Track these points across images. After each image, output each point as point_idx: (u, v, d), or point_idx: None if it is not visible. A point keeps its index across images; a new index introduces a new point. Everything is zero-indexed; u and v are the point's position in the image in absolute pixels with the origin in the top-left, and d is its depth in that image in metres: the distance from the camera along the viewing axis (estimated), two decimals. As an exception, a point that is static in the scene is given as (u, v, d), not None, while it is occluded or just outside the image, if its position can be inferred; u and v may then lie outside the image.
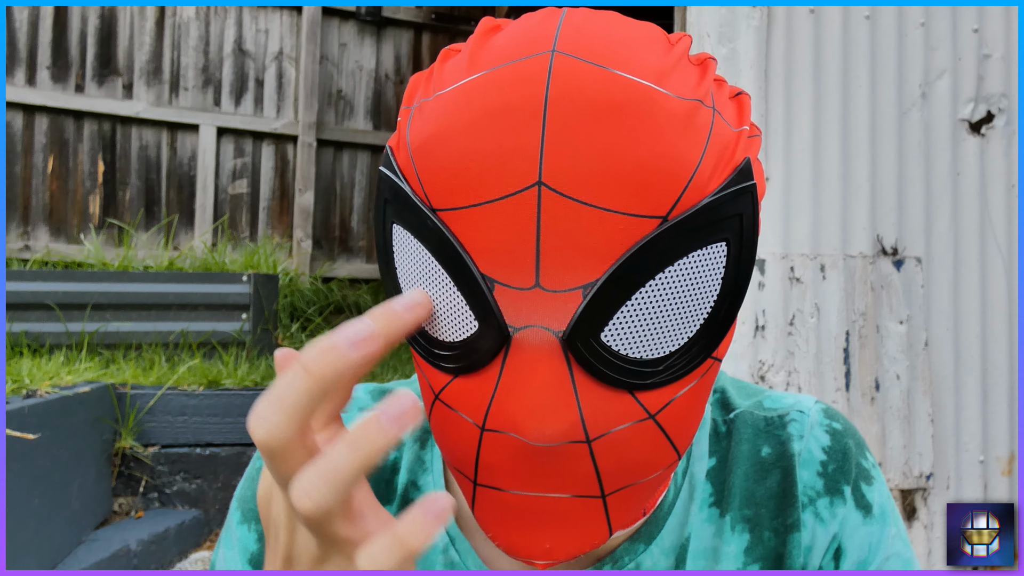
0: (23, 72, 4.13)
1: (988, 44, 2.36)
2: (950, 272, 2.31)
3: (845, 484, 0.50)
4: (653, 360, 0.37)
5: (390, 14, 4.95)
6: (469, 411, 0.38)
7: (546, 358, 0.35)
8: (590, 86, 0.35)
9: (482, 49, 0.38)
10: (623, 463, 0.38)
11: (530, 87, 0.35)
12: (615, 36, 0.37)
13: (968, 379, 2.29)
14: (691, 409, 0.40)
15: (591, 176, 0.34)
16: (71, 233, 4.21)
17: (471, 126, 0.35)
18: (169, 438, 2.53)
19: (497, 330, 0.36)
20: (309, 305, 4.14)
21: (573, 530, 0.39)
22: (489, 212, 0.35)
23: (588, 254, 0.35)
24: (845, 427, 0.53)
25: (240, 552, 0.53)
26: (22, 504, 1.85)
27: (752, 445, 0.51)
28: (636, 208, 0.35)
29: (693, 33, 2.25)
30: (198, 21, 4.53)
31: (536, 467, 0.37)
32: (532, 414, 0.35)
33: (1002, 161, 2.34)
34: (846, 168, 2.28)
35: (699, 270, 0.36)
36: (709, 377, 0.41)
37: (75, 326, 2.91)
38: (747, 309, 2.19)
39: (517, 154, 0.34)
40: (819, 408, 0.53)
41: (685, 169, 0.35)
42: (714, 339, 0.38)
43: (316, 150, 4.72)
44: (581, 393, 0.36)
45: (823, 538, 0.49)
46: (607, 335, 0.36)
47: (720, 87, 0.40)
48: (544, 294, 0.35)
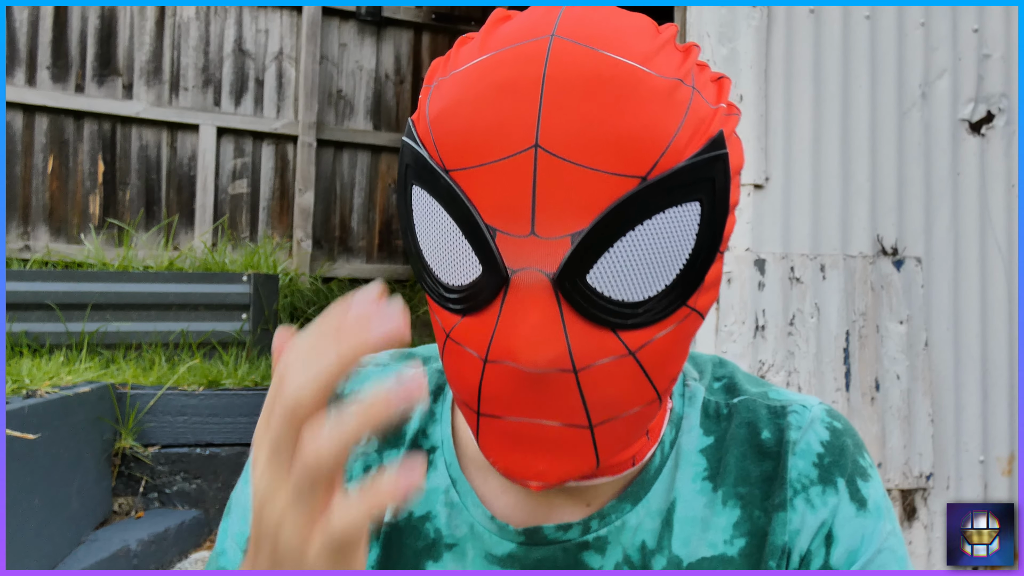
0: (23, 72, 4.13)
1: (988, 44, 2.36)
2: (950, 272, 2.31)
3: (839, 476, 0.53)
4: (633, 303, 0.42)
5: (390, 14, 4.95)
6: (474, 346, 0.43)
7: (539, 296, 0.41)
8: (583, 64, 0.40)
9: (492, 35, 0.44)
10: (606, 395, 0.43)
11: (531, 65, 0.41)
12: (609, 24, 0.43)
13: (968, 379, 2.29)
14: (669, 352, 0.45)
15: (581, 140, 0.39)
16: (71, 233, 4.21)
17: (479, 98, 0.41)
18: (169, 438, 2.53)
19: (498, 272, 0.41)
20: (309, 305, 4.14)
21: (564, 456, 0.44)
22: (493, 171, 0.41)
23: (577, 207, 0.40)
24: (845, 427, 0.56)
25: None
26: (22, 504, 1.85)
27: (752, 429, 0.55)
28: (619, 168, 0.40)
29: (693, 33, 2.25)
30: (198, 21, 4.53)
31: (530, 394, 0.43)
32: (526, 344, 0.41)
33: (1002, 161, 2.34)
34: (846, 168, 2.28)
35: (675, 225, 0.42)
36: (687, 325, 0.45)
37: (75, 326, 2.91)
38: (747, 309, 2.19)
39: (518, 121, 0.40)
40: (822, 407, 0.57)
41: (664, 136, 0.40)
42: (689, 288, 0.43)
43: (316, 150, 4.72)
44: (569, 328, 0.42)
45: (812, 522, 0.52)
46: (592, 278, 0.41)
47: (702, 70, 0.45)
48: (538, 241, 0.41)
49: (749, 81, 2.23)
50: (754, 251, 2.21)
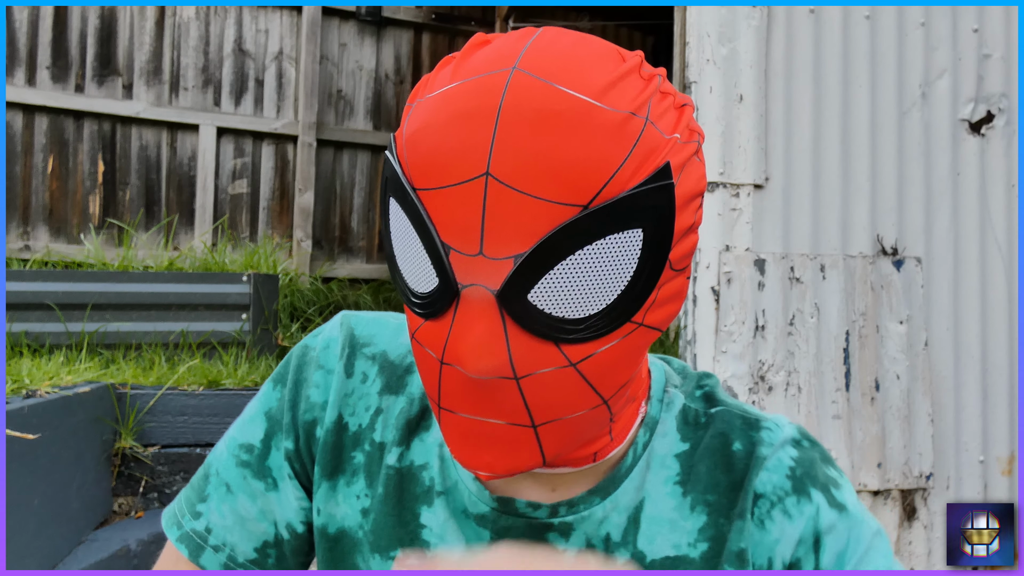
0: (23, 72, 4.13)
1: (988, 44, 2.35)
2: (950, 272, 2.31)
3: (812, 487, 0.56)
4: (575, 320, 0.46)
5: (390, 14, 4.95)
6: (433, 348, 0.48)
7: (484, 310, 0.45)
8: (536, 98, 0.43)
9: (464, 62, 0.48)
10: (548, 400, 0.47)
11: (489, 97, 0.44)
12: (571, 55, 0.46)
13: (968, 379, 2.29)
14: (614, 363, 0.48)
15: (528, 170, 0.43)
16: (71, 233, 4.21)
17: (444, 125, 0.45)
18: (169, 438, 2.53)
19: (450, 286, 0.45)
20: (309, 305, 4.14)
21: (509, 451, 0.48)
22: (450, 194, 0.44)
23: (521, 231, 0.43)
24: (813, 443, 0.60)
25: (261, 403, 0.63)
26: (22, 504, 1.85)
27: (725, 440, 0.58)
28: (562, 197, 0.43)
29: (693, 33, 2.25)
30: (198, 21, 4.53)
31: (477, 395, 0.47)
32: (471, 353, 0.45)
33: (1002, 161, 2.34)
34: (846, 168, 2.28)
35: (616, 250, 0.45)
36: (635, 339, 0.49)
37: (75, 326, 2.91)
38: (747, 309, 2.19)
39: (474, 149, 0.43)
40: (793, 427, 0.60)
41: (608, 168, 0.43)
42: (631, 307, 0.46)
43: (316, 150, 4.72)
44: (511, 340, 0.45)
45: (792, 532, 0.55)
46: (533, 296, 0.45)
47: (663, 99, 0.48)
48: (486, 260, 0.44)
49: (749, 81, 2.23)
50: (754, 251, 2.21)
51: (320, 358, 0.63)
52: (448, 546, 0.58)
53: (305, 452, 0.62)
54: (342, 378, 0.62)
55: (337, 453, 0.61)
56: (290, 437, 0.62)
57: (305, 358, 0.63)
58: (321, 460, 0.61)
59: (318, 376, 0.62)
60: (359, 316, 0.65)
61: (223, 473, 0.62)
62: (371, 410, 0.61)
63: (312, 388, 0.62)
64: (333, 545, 0.60)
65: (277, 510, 0.61)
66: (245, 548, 0.61)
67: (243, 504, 0.61)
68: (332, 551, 0.60)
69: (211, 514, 0.61)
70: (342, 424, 0.61)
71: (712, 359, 2.17)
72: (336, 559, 0.60)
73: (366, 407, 0.62)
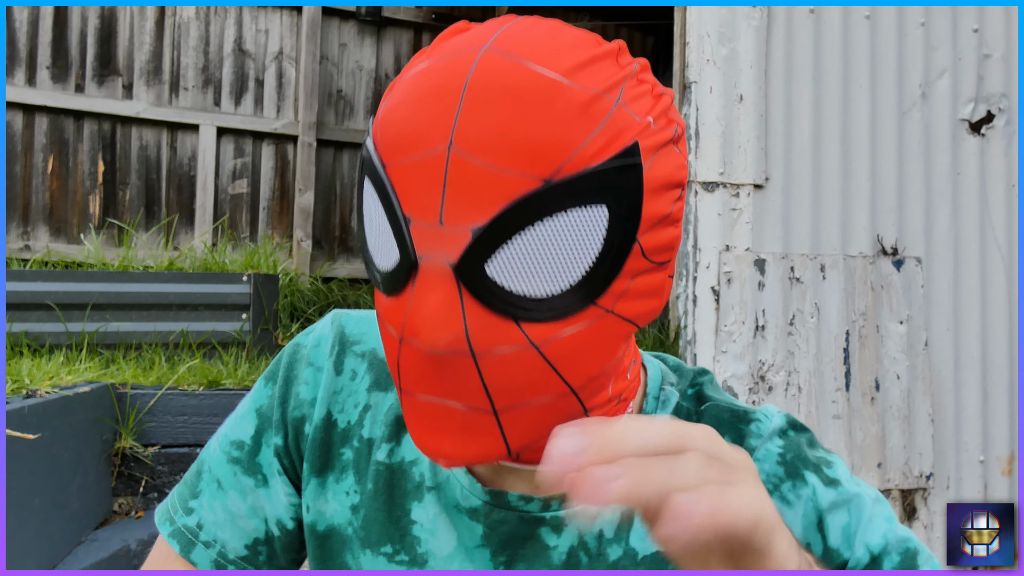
0: (23, 72, 4.13)
1: (988, 44, 2.35)
2: (950, 272, 2.31)
3: (805, 469, 0.56)
4: (536, 298, 0.45)
5: (390, 14, 4.95)
6: (394, 325, 0.47)
7: (441, 282, 0.44)
8: (503, 75, 0.44)
9: (439, 45, 0.48)
10: (508, 382, 0.46)
11: (458, 74, 0.44)
12: (546, 39, 0.46)
13: (968, 379, 2.29)
14: (581, 349, 0.47)
15: (491, 143, 0.43)
16: (71, 233, 4.21)
17: (413, 102, 0.45)
18: (169, 438, 2.53)
19: (408, 257, 0.45)
20: (309, 305, 4.14)
21: (470, 438, 0.47)
22: (414, 166, 0.44)
23: (480, 202, 0.43)
24: (800, 430, 0.60)
25: (252, 400, 0.64)
26: (22, 504, 1.85)
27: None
28: (524, 170, 0.43)
29: (693, 33, 2.25)
30: (198, 21, 4.53)
31: (434, 374, 0.46)
32: (426, 324, 0.44)
33: (1002, 161, 2.34)
34: (846, 168, 2.28)
35: (578, 227, 0.44)
36: (603, 327, 0.47)
37: (75, 326, 2.91)
38: (747, 309, 2.19)
39: (439, 123, 0.44)
40: (782, 415, 0.60)
41: (572, 144, 0.43)
42: (596, 289, 0.45)
43: (316, 150, 4.72)
44: (468, 314, 0.44)
45: (793, 517, 0.55)
46: (491, 269, 0.44)
47: (638, 84, 0.47)
48: (444, 231, 0.44)
49: (749, 81, 2.23)
50: (754, 251, 2.21)
51: (310, 355, 0.63)
52: (439, 542, 0.58)
53: (294, 449, 0.62)
54: (331, 375, 0.62)
55: (326, 450, 0.61)
56: (280, 433, 0.62)
57: (296, 356, 0.64)
58: (310, 457, 0.61)
59: (308, 373, 0.63)
60: (350, 314, 0.66)
61: (215, 469, 0.63)
62: (360, 407, 0.62)
63: (302, 385, 0.62)
64: (323, 542, 0.60)
65: (267, 506, 0.62)
66: (236, 545, 0.61)
67: (234, 500, 0.62)
68: (322, 548, 0.60)
69: (203, 510, 0.62)
70: (331, 421, 0.61)
71: (712, 359, 2.17)
72: (326, 556, 0.60)
73: (355, 404, 0.62)
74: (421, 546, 0.58)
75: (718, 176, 2.21)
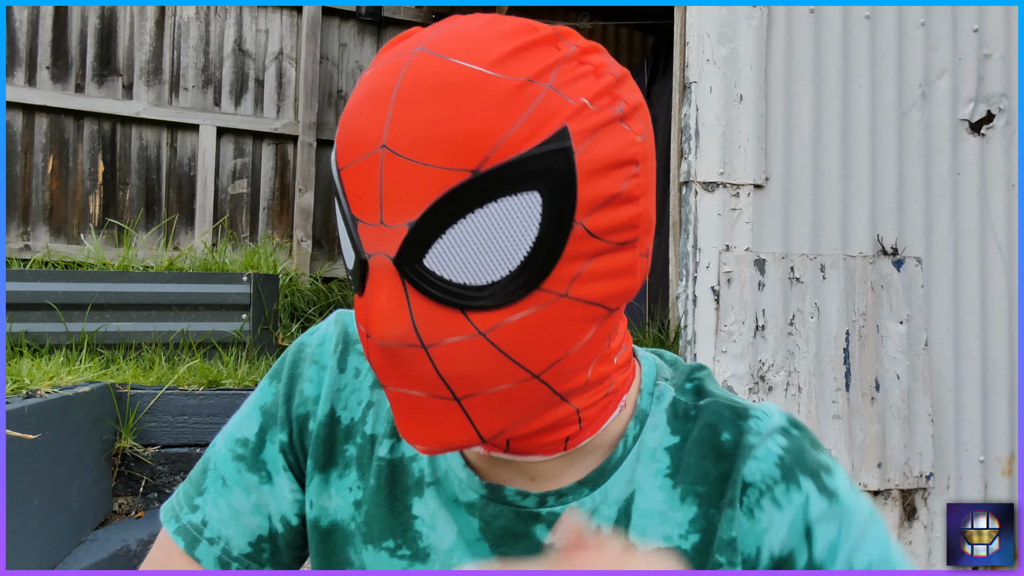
0: (23, 72, 4.13)
1: (988, 44, 2.35)
2: (950, 272, 2.31)
3: (802, 474, 0.56)
4: (477, 286, 0.46)
5: (390, 14, 4.96)
6: (363, 323, 0.49)
7: (386, 278, 0.46)
8: (430, 73, 0.45)
9: (386, 50, 0.50)
10: (462, 371, 0.47)
11: (391, 76, 0.46)
12: (475, 34, 0.47)
13: (968, 379, 2.29)
14: (535, 334, 0.47)
15: (418, 140, 0.44)
16: (71, 233, 4.21)
17: (355, 106, 0.47)
18: (169, 438, 2.53)
19: (359, 256, 0.47)
20: (309, 305, 4.14)
21: (438, 424, 0.49)
22: (357, 168, 0.46)
23: (413, 199, 0.44)
24: (803, 431, 0.59)
25: (257, 398, 0.65)
26: (22, 504, 1.85)
27: (714, 431, 0.58)
28: (452, 163, 0.44)
29: (693, 33, 2.25)
30: (198, 21, 4.53)
31: (393, 366, 0.48)
32: (376, 320, 0.46)
33: (1002, 161, 2.34)
34: (846, 168, 2.28)
35: (512, 214, 0.45)
36: (558, 311, 0.48)
37: (75, 326, 2.91)
38: (747, 309, 2.19)
39: (374, 126, 0.45)
40: (783, 415, 0.60)
41: (498, 132, 0.44)
42: (538, 274, 0.46)
43: (316, 150, 4.72)
44: (414, 307, 0.46)
45: (781, 521, 0.55)
46: (429, 261, 0.45)
47: (577, 66, 0.47)
48: (385, 229, 0.46)
49: (749, 81, 2.23)
50: (754, 251, 2.21)
51: (315, 354, 0.64)
52: (439, 536, 0.58)
53: (299, 445, 0.63)
54: (335, 373, 0.63)
55: (329, 446, 0.62)
56: (284, 430, 0.63)
57: (300, 354, 0.65)
58: (314, 453, 0.62)
59: (312, 371, 0.64)
60: (353, 313, 0.66)
61: (220, 467, 0.64)
62: (363, 404, 0.63)
63: (306, 383, 0.63)
64: (326, 537, 0.61)
65: (271, 503, 0.63)
66: (239, 542, 0.62)
67: (238, 497, 0.62)
68: (325, 543, 0.61)
69: (208, 507, 0.63)
70: (334, 418, 0.62)
71: (712, 359, 2.17)
72: (328, 552, 0.61)
73: (358, 401, 0.63)
74: (423, 540, 0.59)
75: (718, 176, 2.21)
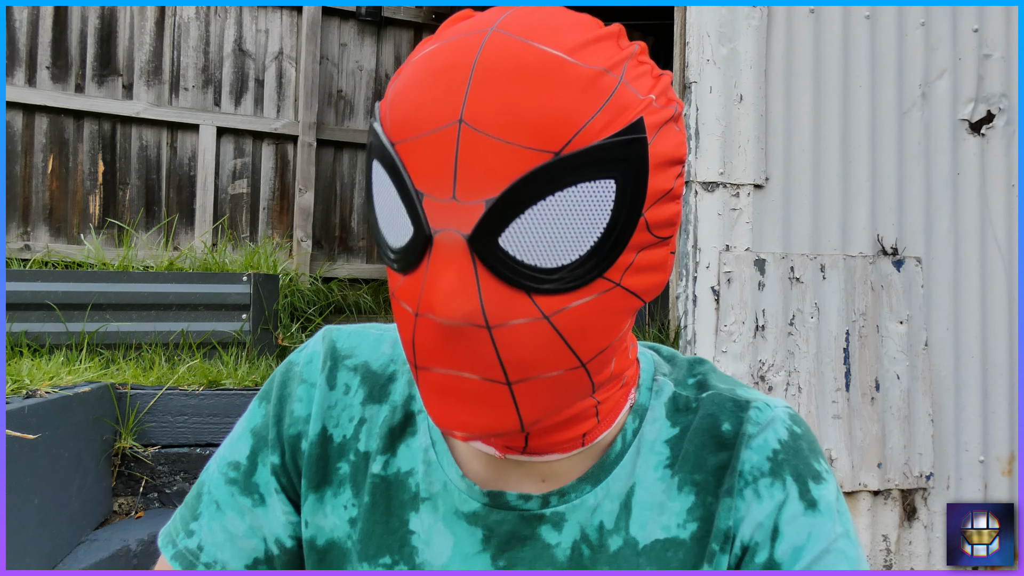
0: (23, 72, 4.13)
1: (988, 44, 2.35)
2: (950, 272, 2.31)
3: (789, 474, 0.56)
4: (547, 269, 0.46)
5: (390, 14, 4.95)
6: (409, 301, 0.48)
7: (456, 255, 0.45)
8: (511, 53, 0.45)
9: (446, 29, 0.49)
10: (522, 354, 0.47)
11: (467, 53, 0.45)
12: (549, 22, 0.47)
13: (968, 379, 2.29)
14: (590, 321, 0.48)
15: (501, 118, 0.44)
16: (71, 233, 4.21)
17: (422, 81, 0.46)
18: (169, 438, 2.53)
19: (423, 232, 0.46)
20: (309, 305, 4.14)
21: (484, 409, 0.48)
22: (425, 142, 0.45)
23: (492, 175, 0.44)
24: (804, 432, 0.60)
25: (247, 420, 0.64)
26: (22, 504, 1.85)
27: (714, 420, 0.58)
28: (534, 144, 0.44)
29: (693, 33, 2.25)
30: (198, 21, 4.53)
31: (450, 346, 0.47)
32: (443, 298, 0.45)
33: (1002, 161, 2.34)
34: (846, 168, 2.28)
35: (588, 199, 0.45)
36: (611, 299, 0.48)
37: (75, 326, 2.91)
38: (747, 309, 2.19)
39: (448, 100, 0.45)
40: (786, 410, 0.60)
41: (580, 118, 0.44)
42: (605, 260, 0.46)
43: (316, 150, 4.72)
44: (483, 286, 0.45)
45: (757, 513, 0.55)
46: (504, 241, 0.45)
47: (639, 65, 0.49)
48: (458, 205, 0.45)
49: (749, 81, 2.23)
50: (754, 251, 2.21)
51: (303, 372, 0.64)
52: (434, 550, 0.58)
53: (291, 466, 0.62)
54: (325, 390, 0.63)
55: (323, 465, 0.61)
56: (276, 452, 0.62)
57: (289, 374, 0.64)
58: (307, 473, 0.61)
59: (301, 390, 0.63)
60: (340, 330, 0.66)
61: (213, 491, 0.63)
62: (355, 420, 0.62)
63: (296, 402, 0.63)
64: (322, 556, 0.61)
65: (266, 526, 0.62)
66: (236, 565, 0.62)
67: (232, 521, 0.62)
68: (321, 563, 0.61)
69: (203, 532, 0.62)
70: (326, 436, 0.62)
71: (712, 359, 2.17)
72: (325, 570, 0.61)
73: (350, 418, 0.62)
74: (419, 556, 0.58)
75: (718, 176, 2.21)
